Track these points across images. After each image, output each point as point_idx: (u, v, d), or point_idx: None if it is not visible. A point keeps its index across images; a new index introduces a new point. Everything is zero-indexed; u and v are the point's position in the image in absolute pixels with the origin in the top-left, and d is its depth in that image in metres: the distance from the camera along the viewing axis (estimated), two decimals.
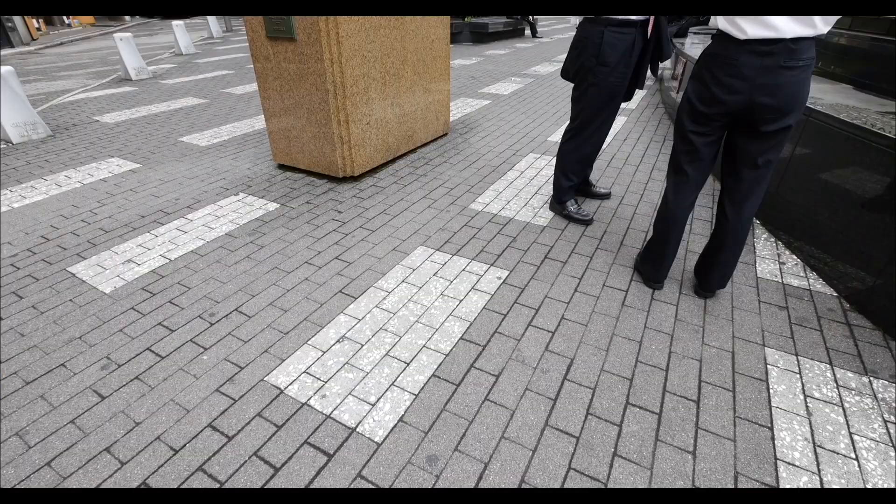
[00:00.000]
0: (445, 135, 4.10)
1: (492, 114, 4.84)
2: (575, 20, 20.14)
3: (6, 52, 10.43)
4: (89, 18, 17.64)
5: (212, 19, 13.05)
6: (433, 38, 3.57)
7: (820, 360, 1.62)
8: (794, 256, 2.24)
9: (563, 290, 2.00)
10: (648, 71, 2.36)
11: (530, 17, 12.85)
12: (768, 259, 2.23)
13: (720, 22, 1.53)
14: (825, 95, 2.57)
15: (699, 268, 1.96)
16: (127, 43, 6.65)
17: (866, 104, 2.40)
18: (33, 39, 12.25)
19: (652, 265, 1.99)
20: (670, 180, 1.86)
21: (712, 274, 1.89)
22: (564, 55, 9.52)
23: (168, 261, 2.23)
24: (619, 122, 4.45)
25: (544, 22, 18.47)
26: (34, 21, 13.22)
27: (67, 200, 2.90)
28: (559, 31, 15.16)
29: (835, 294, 1.97)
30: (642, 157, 3.61)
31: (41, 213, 2.74)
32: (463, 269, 2.14)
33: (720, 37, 1.55)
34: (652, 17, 2.16)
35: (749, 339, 1.71)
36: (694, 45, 5.26)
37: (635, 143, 3.93)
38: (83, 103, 5.37)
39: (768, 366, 1.60)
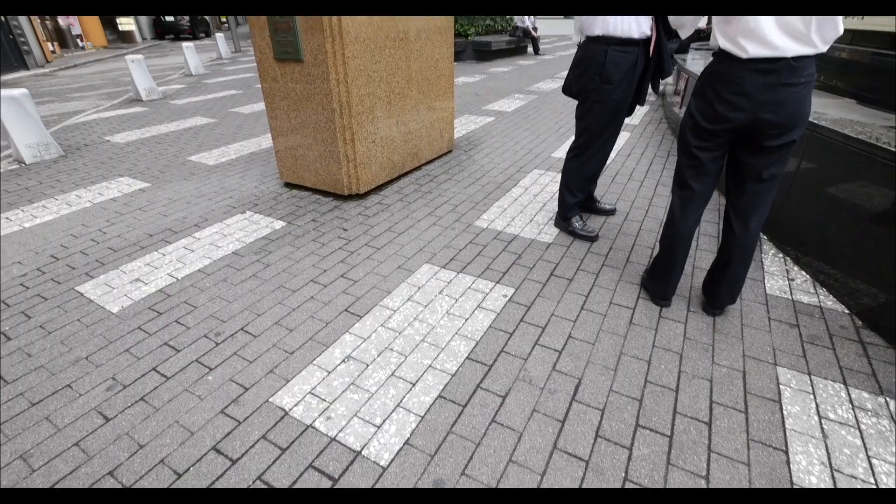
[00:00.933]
0: (450, 152, 4.13)
1: (496, 130, 4.88)
2: (577, 37, 20.29)
3: (22, 74, 10.71)
4: (102, 41, 18.11)
5: (221, 40, 13.36)
6: (437, 57, 3.62)
7: (834, 380, 1.59)
8: (804, 273, 2.22)
9: (569, 307, 1.99)
10: (650, 87, 2.38)
11: (533, 34, 13.05)
12: (777, 275, 2.20)
13: (721, 41, 1.55)
14: (828, 110, 2.57)
15: (707, 284, 1.94)
16: (138, 65, 6.81)
17: (870, 118, 2.40)
18: (48, 62, 12.58)
19: (659, 282, 1.97)
20: (675, 196, 1.86)
21: (720, 290, 1.87)
22: (566, 72, 9.56)
23: (175, 280, 2.24)
24: (622, 138, 4.47)
25: (546, 39, 18.74)
26: (49, 44, 13.59)
27: (77, 220, 2.94)
28: (561, 48, 15.37)
29: (846, 311, 1.94)
30: (646, 172, 3.62)
31: (52, 232, 2.77)
32: (468, 287, 2.14)
33: (722, 55, 1.56)
34: (653, 36, 2.19)
35: (760, 358, 1.69)
36: (695, 61, 5.31)
37: (639, 159, 3.94)
38: (95, 124, 5.48)
39: (781, 386, 1.57)
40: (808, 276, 2.19)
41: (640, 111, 5.62)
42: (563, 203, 2.60)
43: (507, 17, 15.16)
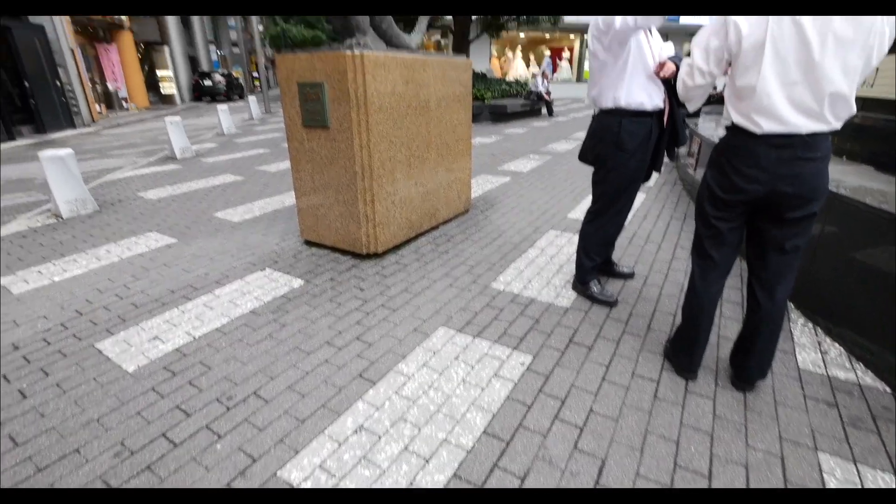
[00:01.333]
0: (467, 212, 4.21)
1: (511, 191, 4.99)
2: (589, 101, 21.15)
3: (70, 132, 11.53)
4: (145, 102, 19.54)
5: (253, 102, 14.28)
6: (456, 122, 3.79)
7: (883, 470, 1.46)
8: (836, 345, 2.12)
9: (590, 378, 1.92)
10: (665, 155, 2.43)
11: (546, 97, 13.64)
12: (808, 347, 2.11)
13: (735, 116, 1.58)
14: (846, 177, 2.57)
15: (734, 356, 1.86)
16: (176, 126, 7.29)
17: (888, 185, 2.39)
18: (94, 121, 13.56)
19: (683, 354, 1.90)
20: (696, 265, 1.83)
21: (749, 363, 1.79)
22: (580, 133, 9.98)
23: (192, 338, 2.25)
24: (638, 199, 4.50)
25: (559, 101, 19.54)
26: (97, 105, 14.71)
27: (105, 274, 3.02)
28: (574, 109, 15.97)
29: (888, 390, 1.82)
30: (664, 234, 3.61)
31: (79, 286, 2.85)
32: (485, 354, 2.09)
33: (736, 129, 1.59)
34: (666, 108, 2.26)
35: (799, 442, 1.57)
36: (706, 125, 5.44)
37: (656, 221, 3.94)
38: (130, 180, 5.79)
39: (824, 474, 1.45)
40: (841, 348, 2.09)
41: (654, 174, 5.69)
42: (581, 267, 2.58)
43: (523, 81, 15.96)
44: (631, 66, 2.12)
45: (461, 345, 2.16)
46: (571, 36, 28.84)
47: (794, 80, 1.41)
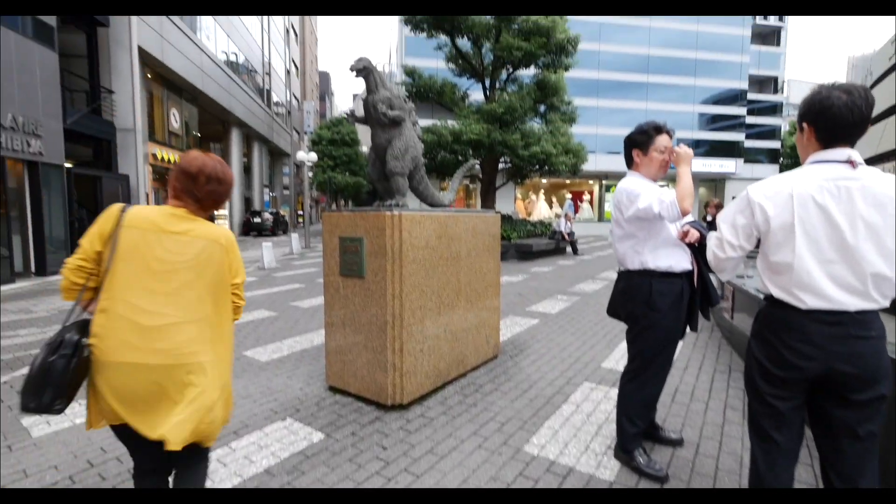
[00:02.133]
0: (495, 357, 4.10)
1: (541, 334, 4.90)
2: (611, 238, 21.99)
3: None
4: None
5: (295, 239, 15.46)
6: (485, 270, 3.92)
7: None
8: None
9: None
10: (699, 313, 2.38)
11: (569, 237, 14.24)
12: None
13: (774, 290, 1.52)
14: None
15: None
16: None
17: None
18: None
19: None
20: (756, 446, 1.64)
21: None
22: (607, 272, 10.11)
23: None
24: (677, 346, 4.31)
25: (583, 240, 20.30)
26: None
27: None
28: (598, 248, 16.49)
29: None
30: (709, 390, 3.35)
31: (96, 432, 2.78)
32: None
33: (777, 301, 1.52)
34: (694, 269, 2.28)
35: None
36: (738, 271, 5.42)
37: (698, 373, 3.71)
38: None
39: None
40: None
41: None
42: (623, 432, 2.37)
43: (547, 222, 16.90)
44: (655, 234, 2.20)
45: None
46: (590, 181, 31.29)
47: (832, 259, 1.40)
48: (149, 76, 15.07)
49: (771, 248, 1.50)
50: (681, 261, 2.22)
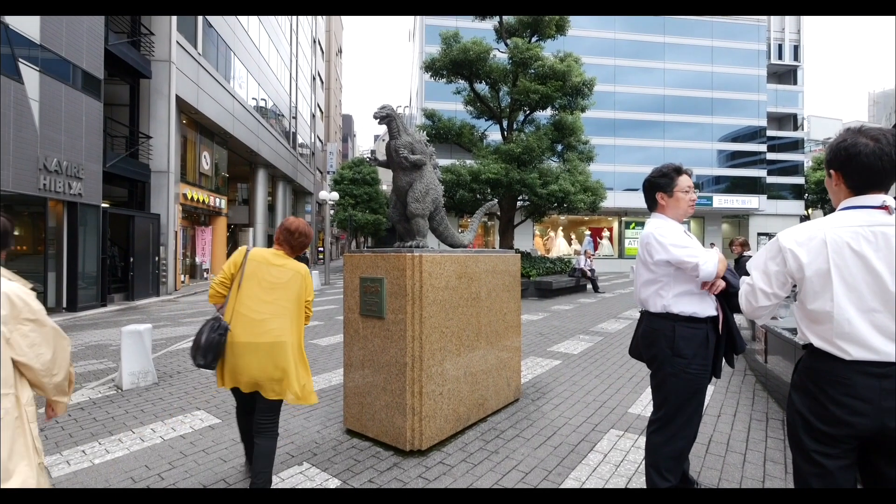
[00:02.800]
0: (517, 401, 3.98)
1: (563, 376, 4.75)
2: (632, 275, 21.65)
3: (153, 300, 12.87)
4: None
5: (315, 276, 15.66)
6: (506, 310, 3.87)
7: None
8: None
9: None
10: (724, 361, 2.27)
11: (589, 274, 14.04)
12: None
13: (814, 340, 1.44)
14: None
15: None
16: None
17: None
18: (176, 289, 15.20)
19: None
20: None
21: None
22: (629, 311, 9.86)
23: None
24: (706, 393, 4.11)
25: (604, 277, 19.99)
26: (181, 275, 16.67)
27: (144, 459, 2.95)
28: (619, 285, 16.18)
29: None
30: (746, 440, 3.16)
31: (115, 472, 2.77)
32: None
33: (818, 352, 1.44)
34: (720, 315, 2.19)
35: None
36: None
37: (732, 421, 3.51)
38: None
39: None
40: None
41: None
42: (654, 487, 2.23)
43: (566, 259, 16.75)
44: (681, 281, 2.13)
45: None
46: (609, 218, 31.14)
47: (874, 308, 1.33)
48: (184, 122, 15.96)
49: (808, 296, 1.44)
50: (706, 308, 2.14)
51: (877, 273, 1.33)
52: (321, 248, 33.18)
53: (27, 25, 8.80)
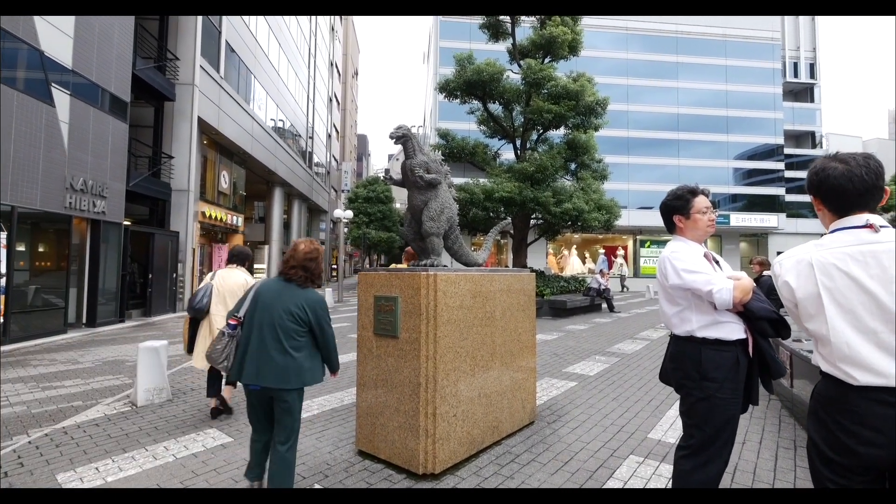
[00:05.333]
0: (532, 423, 3.88)
1: (580, 399, 4.63)
2: (651, 293, 21.35)
3: (169, 316, 13.04)
4: None
5: (329, 293, 15.73)
6: (521, 330, 3.82)
7: None
8: None
9: None
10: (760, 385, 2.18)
11: (605, 293, 13.83)
12: None
13: (822, 363, 1.40)
14: None
15: None
16: None
17: None
18: None
19: None
20: None
21: None
22: (647, 331, 9.64)
23: None
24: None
25: (619, 296, 19.66)
26: None
27: (156, 477, 2.93)
28: (635, 304, 15.89)
29: None
30: (773, 470, 3.02)
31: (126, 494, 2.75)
32: None
33: (828, 378, 1.39)
34: (749, 339, 2.11)
35: None
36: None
37: (758, 449, 3.37)
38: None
39: None
40: None
41: None
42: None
43: (580, 278, 16.57)
44: (703, 309, 2.06)
45: None
46: (624, 236, 30.84)
47: (876, 329, 1.28)
48: (205, 142, 16.41)
49: (803, 316, 1.44)
50: (732, 331, 2.05)
51: (872, 293, 1.29)
52: (335, 266, 33.43)
53: (61, 51, 9.22)
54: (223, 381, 4.08)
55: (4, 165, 7.97)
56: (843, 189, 1.40)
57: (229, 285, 4.05)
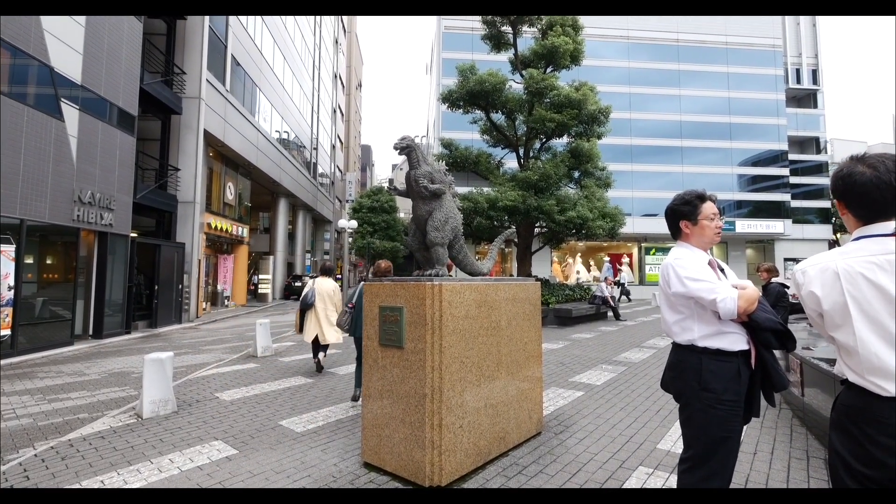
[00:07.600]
0: (539, 434, 3.84)
1: (587, 409, 4.59)
2: (656, 302, 21.21)
3: (175, 327, 13.07)
4: (243, 300, 22.25)
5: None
6: (526, 339, 3.79)
7: None
8: None
9: None
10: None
11: (611, 302, 13.75)
12: None
13: (849, 374, 1.36)
14: None
15: None
16: (264, 327, 8.02)
17: None
18: (198, 316, 15.42)
19: None
20: None
21: None
22: (654, 339, 9.56)
23: None
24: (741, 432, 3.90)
25: (625, 304, 19.54)
26: (203, 302, 16.94)
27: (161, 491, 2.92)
28: (641, 313, 15.77)
29: None
30: (786, 481, 2.97)
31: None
32: None
33: (855, 387, 1.36)
34: (752, 350, 2.07)
35: None
36: (797, 334, 4.99)
37: (770, 459, 3.31)
38: (212, 379, 6.13)
39: None
40: None
41: None
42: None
43: (585, 286, 16.49)
44: (705, 319, 2.03)
45: None
46: (629, 244, 30.73)
47: None
48: (211, 154, 16.59)
49: (829, 326, 1.39)
50: (735, 342, 2.01)
51: None
52: (339, 276, 33.51)
53: (70, 67, 9.39)
54: (326, 347, 6.49)
55: (14, 179, 8.09)
56: (871, 196, 1.36)
57: (325, 289, 6.39)
